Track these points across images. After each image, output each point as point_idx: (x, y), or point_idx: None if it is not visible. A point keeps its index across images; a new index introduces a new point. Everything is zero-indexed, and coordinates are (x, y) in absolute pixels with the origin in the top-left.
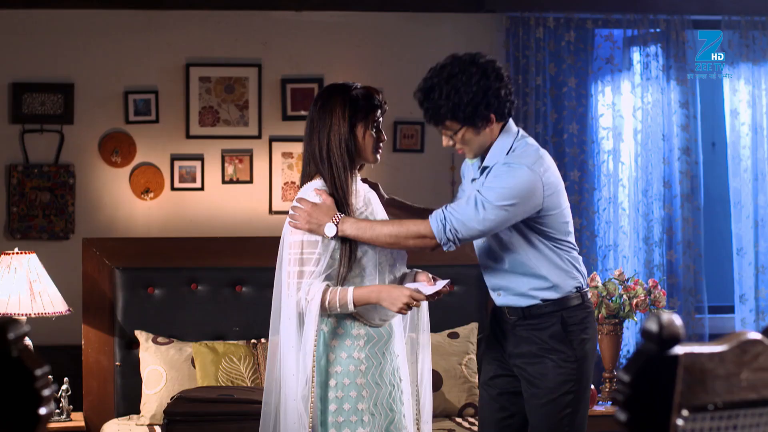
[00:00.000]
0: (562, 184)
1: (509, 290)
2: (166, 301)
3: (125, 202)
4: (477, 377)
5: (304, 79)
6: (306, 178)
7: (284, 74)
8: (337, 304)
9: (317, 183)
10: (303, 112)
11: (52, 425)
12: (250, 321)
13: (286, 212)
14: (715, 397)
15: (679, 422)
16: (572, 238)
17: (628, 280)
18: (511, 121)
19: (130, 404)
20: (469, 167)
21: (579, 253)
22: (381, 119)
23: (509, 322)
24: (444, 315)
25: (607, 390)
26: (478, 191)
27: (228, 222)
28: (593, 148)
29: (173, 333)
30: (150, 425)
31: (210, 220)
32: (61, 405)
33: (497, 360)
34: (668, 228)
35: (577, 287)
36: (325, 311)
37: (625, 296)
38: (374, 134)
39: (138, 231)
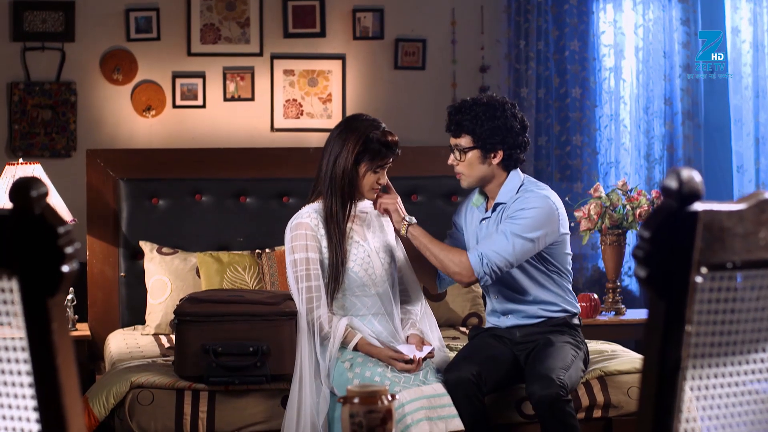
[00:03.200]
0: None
1: (519, 313)
2: (170, 212)
3: (127, 120)
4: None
5: None
6: (312, 195)
7: None
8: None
9: (315, 207)
10: (304, 30)
11: None
12: (254, 231)
13: (288, 130)
14: (734, 256)
15: (698, 279)
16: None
17: (631, 190)
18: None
19: (135, 314)
20: (465, 215)
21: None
22: (389, 164)
23: (513, 339)
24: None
25: (610, 300)
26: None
27: (230, 139)
28: (594, 65)
29: (178, 243)
30: (155, 335)
31: (211, 137)
32: (66, 315)
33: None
34: (669, 145)
35: (575, 313)
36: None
37: (628, 207)
38: (374, 176)
39: (140, 148)
